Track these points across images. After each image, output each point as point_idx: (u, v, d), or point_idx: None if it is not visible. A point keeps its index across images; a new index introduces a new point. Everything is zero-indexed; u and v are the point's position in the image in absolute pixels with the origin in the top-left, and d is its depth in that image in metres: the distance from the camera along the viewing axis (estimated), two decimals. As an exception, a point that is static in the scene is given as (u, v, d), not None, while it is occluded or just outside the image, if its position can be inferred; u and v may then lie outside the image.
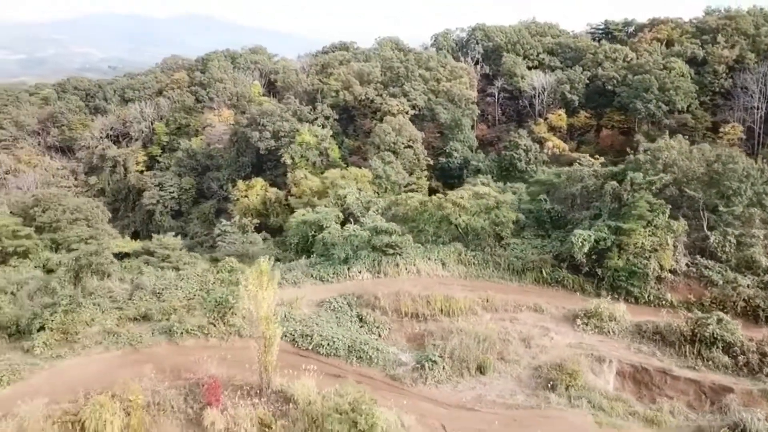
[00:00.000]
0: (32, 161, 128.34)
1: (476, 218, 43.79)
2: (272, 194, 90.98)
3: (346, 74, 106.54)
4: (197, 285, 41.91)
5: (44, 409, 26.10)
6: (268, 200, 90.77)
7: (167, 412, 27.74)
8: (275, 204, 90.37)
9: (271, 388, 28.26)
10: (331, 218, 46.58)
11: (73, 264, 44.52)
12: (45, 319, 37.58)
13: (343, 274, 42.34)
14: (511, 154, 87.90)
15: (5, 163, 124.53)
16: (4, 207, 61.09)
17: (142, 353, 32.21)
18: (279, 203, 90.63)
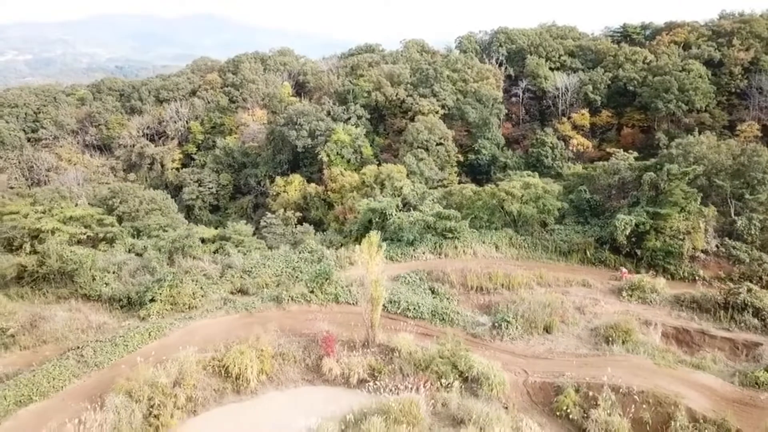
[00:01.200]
0: (72, 159, 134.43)
1: (526, 206, 49.16)
2: (312, 189, 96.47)
3: (378, 75, 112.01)
4: (283, 263, 47.45)
5: (195, 356, 31.65)
6: (308, 195, 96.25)
7: (290, 361, 33.28)
8: (315, 198, 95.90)
9: (375, 342, 33.70)
10: (393, 206, 51.98)
11: (169, 246, 50.16)
12: (155, 293, 43.31)
13: (409, 255, 47.86)
14: (538, 151, 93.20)
15: (47, 161, 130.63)
16: (84, 199, 66.77)
17: (256, 316, 37.79)
18: (318, 197, 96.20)
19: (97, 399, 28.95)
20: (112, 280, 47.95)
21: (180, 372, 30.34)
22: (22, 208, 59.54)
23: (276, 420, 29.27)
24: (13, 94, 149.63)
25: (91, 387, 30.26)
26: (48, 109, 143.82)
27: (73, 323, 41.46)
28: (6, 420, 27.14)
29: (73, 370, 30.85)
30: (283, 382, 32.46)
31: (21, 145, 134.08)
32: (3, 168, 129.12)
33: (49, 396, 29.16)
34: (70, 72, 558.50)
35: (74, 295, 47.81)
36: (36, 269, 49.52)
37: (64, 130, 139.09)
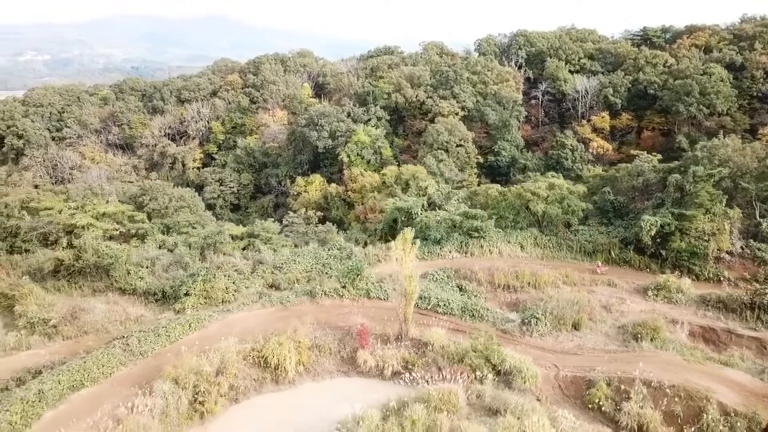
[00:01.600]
0: (96, 158, 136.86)
1: (551, 206, 49.92)
2: (333, 189, 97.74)
3: (398, 77, 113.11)
4: (313, 260, 48.60)
5: (236, 347, 32.83)
6: (329, 195, 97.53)
7: (326, 353, 34.37)
8: (335, 198, 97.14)
9: (408, 336, 34.67)
10: (419, 206, 52.96)
11: (201, 242, 51.53)
12: (189, 287, 44.65)
13: (436, 253, 48.82)
14: (558, 153, 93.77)
15: (71, 159, 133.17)
16: (114, 196, 68.49)
17: (291, 310, 38.93)
18: (339, 197, 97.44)
19: (145, 385, 30.18)
20: (146, 274, 49.34)
21: (222, 361, 31.51)
22: (56, 204, 61.21)
23: (314, 409, 30.30)
24: (38, 93, 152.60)
25: (137, 374, 31.52)
26: (72, 109, 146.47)
27: (111, 315, 42.93)
28: (61, 404, 28.43)
29: (120, 358, 32.12)
30: (319, 374, 33.53)
31: (46, 143, 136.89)
32: (28, 166, 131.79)
33: (99, 382, 30.44)
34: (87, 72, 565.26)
35: (110, 288, 49.30)
36: (72, 263, 51.01)
37: (87, 129, 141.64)
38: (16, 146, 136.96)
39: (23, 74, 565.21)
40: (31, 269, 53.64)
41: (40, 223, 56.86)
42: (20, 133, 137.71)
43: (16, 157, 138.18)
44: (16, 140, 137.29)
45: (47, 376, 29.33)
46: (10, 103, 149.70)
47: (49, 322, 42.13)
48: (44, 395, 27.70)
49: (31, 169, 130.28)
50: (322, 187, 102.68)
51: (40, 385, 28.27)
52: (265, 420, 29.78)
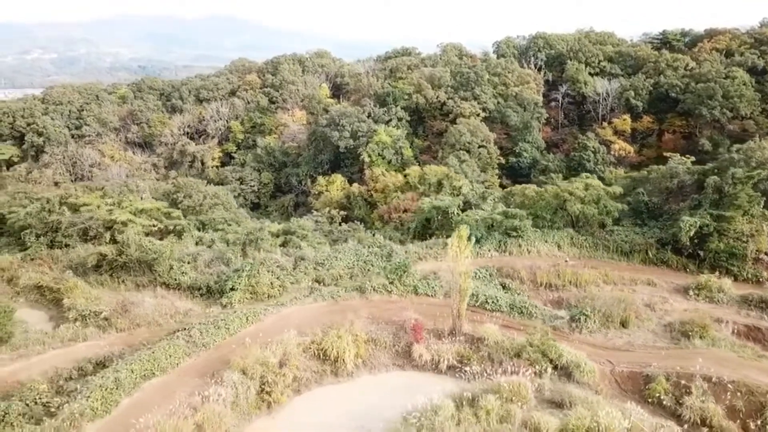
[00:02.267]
0: (115, 155, 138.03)
1: (588, 207, 50.60)
2: (355, 189, 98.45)
3: (418, 78, 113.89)
4: (354, 257, 49.39)
5: (296, 339, 33.63)
6: (351, 194, 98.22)
7: (381, 347, 35.12)
8: (358, 198, 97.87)
9: (461, 332, 35.40)
10: (456, 205, 53.70)
11: (244, 239, 52.40)
12: (234, 282, 45.50)
13: (475, 252, 49.39)
14: (580, 155, 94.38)
15: (91, 157, 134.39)
16: (147, 193, 69.43)
17: (341, 305, 39.73)
18: (361, 197, 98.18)
19: (210, 375, 31.01)
20: (189, 269, 50.19)
21: (284, 354, 32.30)
22: (93, 200, 62.18)
23: (377, 401, 31.05)
24: (57, 92, 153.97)
25: (201, 365, 32.34)
26: (91, 107, 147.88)
27: (161, 309, 43.80)
28: (135, 392, 29.27)
29: (185, 349, 32.94)
30: (375, 367, 34.29)
31: (66, 141, 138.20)
32: (49, 163, 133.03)
33: (167, 372, 31.27)
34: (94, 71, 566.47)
35: (153, 283, 50.21)
36: (115, 258, 51.95)
37: (107, 127, 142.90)
38: (36, 143, 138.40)
39: (30, 72, 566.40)
40: (72, 264, 54.60)
41: (80, 219, 57.77)
42: (40, 130, 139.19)
43: (36, 155, 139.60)
44: (36, 137, 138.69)
45: (121, 365, 30.15)
46: (29, 101, 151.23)
47: (101, 314, 43.01)
48: (121, 383, 28.53)
49: (51, 166, 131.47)
50: (344, 187, 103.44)
51: (116, 374, 29.11)
52: (329, 411, 30.52)
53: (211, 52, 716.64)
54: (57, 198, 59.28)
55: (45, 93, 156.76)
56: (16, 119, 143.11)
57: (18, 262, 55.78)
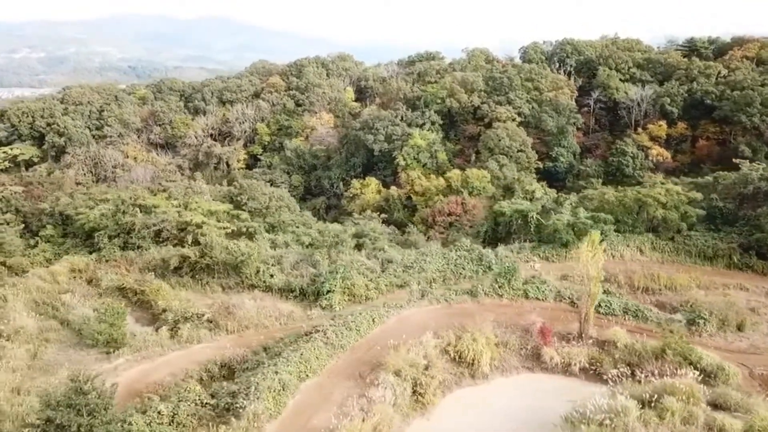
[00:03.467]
0: (138, 156, 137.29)
1: (669, 211, 51.40)
2: (394, 192, 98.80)
3: (451, 83, 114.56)
4: (442, 260, 49.74)
5: (433, 341, 33.94)
6: (390, 197, 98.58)
7: (510, 349, 35.52)
8: (396, 201, 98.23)
9: (588, 335, 35.88)
10: (535, 209, 54.27)
11: (330, 241, 52.59)
12: (331, 284, 45.71)
13: (563, 256, 50.14)
14: (618, 160, 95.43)
15: (114, 158, 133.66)
16: (208, 195, 69.27)
17: (455, 308, 40.14)
18: (399, 200, 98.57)
19: (357, 377, 31.28)
20: (276, 271, 50.28)
21: (425, 356, 32.59)
22: (161, 202, 62.03)
23: (520, 402, 31.51)
24: (77, 92, 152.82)
25: (344, 367, 32.62)
26: (111, 108, 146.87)
27: (263, 311, 43.94)
28: (297, 393, 29.43)
29: (326, 351, 33.12)
30: (506, 369, 34.72)
31: (87, 141, 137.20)
32: (71, 163, 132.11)
33: (318, 373, 31.50)
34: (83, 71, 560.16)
35: (240, 285, 50.29)
36: (197, 260, 51.92)
37: (128, 128, 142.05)
38: (57, 144, 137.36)
39: (18, 71, 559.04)
40: (150, 266, 54.47)
41: (153, 221, 57.62)
42: (61, 131, 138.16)
43: (57, 155, 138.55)
44: (57, 138, 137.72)
45: (281, 367, 30.25)
46: (49, 101, 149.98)
47: (203, 316, 43.04)
48: (286, 385, 28.72)
49: (73, 167, 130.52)
50: (379, 190, 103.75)
51: (279, 376, 29.27)
52: (477, 412, 30.89)
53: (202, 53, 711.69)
54: (130, 200, 58.97)
55: (64, 93, 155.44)
56: (36, 119, 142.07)
57: (93, 263, 55.61)
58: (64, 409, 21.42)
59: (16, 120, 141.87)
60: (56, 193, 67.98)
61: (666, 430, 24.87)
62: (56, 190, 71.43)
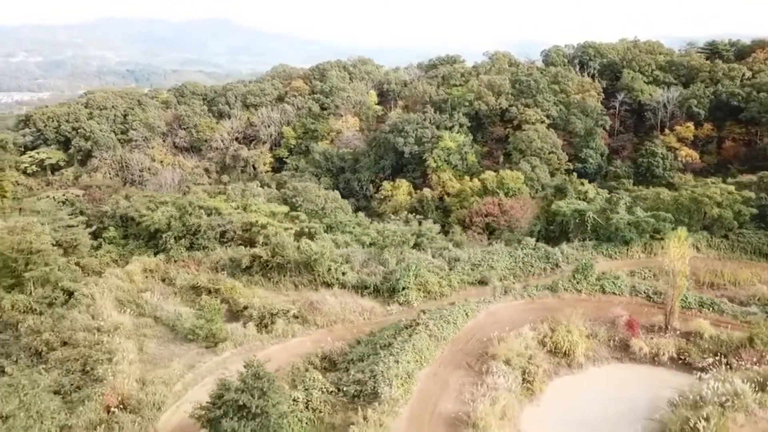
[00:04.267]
0: (165, 160, 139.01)
1: (725, 210, 53.35)
2: (428, 193, 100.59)
3: (478, 86, 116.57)
4: (508, 258, 51.61)
5: (531, 333, 35.77)
6: (424, 198, 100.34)
7: (599, 341, 37.35)
8: (431, 202, 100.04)
9: (672, 327, 37.74)
10: (592, 209, 56.18)
11: (399, 240, 54.42)
12: (406, 281, 47.55)
13: (624, 253, 52.06)
14: (648, 161, 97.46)
15: (141, 161, 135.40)
16: (263, 197, 71.04)
17: (537, 302, 42.02)
18: (433, 201, 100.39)
19: (466, 366, 33.13)
20: (347, 269, 52.07)
21: (526, 347, 34.41)
22: (220, 205, 63.79)
23: (618, 391, 33.32)
24: (100, 96, 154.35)
25: (449, 357, 34.49)
26: (136, 112, 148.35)
27: (346, 306, 45.75)
28: (417, 382, 31.20)
29: (432, 342, 34.94)
30: (597, 359, 36.53)
31: (113, 145, 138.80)
32: (98, 167, 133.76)
33: (430, 363, 33.34)
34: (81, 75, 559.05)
35: (312, 282, 52.03)
36: (269, 259, 53.71)
37: (154, 132, 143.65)
38: (83, 148, 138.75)
39: (16, 75, 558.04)
40: (217, 265, 56.27)
41: (219, 222, 59.37)
42: (87, 135, 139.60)
43: (83, 159, 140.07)
44: (83, 142, 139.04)
45: (402, 357, 32.04)
46: (73, 106, 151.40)
47: (289, 312, 44.81)
48: (411, 374, 30.51)
49: (100, 171, 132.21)
50: (409, 192, 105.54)
51: (404, 366, 31.06)
52: (581, 400, 32.68)
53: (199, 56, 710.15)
54: (197, 202, 60.69)
55: (88, 98, 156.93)
56: (61, 124, 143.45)
57: (163, 263, 57.34)
58: (242, 393, 23.19)
59: (42, 125, 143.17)
60: (113, 196, 69.62)
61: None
62: (113, 193, 73.02)
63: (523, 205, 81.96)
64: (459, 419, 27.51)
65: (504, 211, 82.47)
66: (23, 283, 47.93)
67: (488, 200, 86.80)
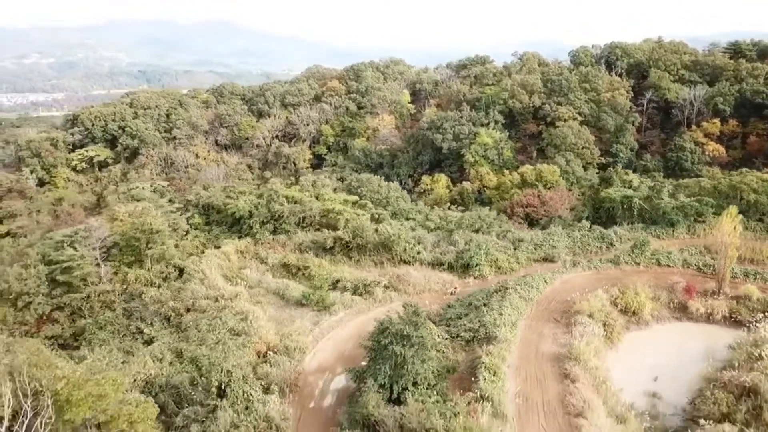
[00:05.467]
0: (208, 156, 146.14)
1: (761, 196, 59.35)
2: (468, 186, 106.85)
3: (512, 85, 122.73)
4: (566, 239, 57.88)
5: (604, 295, 42.09)
6: (465, 191, 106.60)
7: (660, 303, 43.57)
8: (471, 195, 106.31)
9: (724, 292, 43.91)
10: (638, 196, 62.33)
11: (466, 223, 60.86)
12: (479, 259, 53.96)
13: (670, 234, 58.16)
14: (677, 155, 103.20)
15: (186, 158, 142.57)
16: (329, 188, 77.75)
17: (602, 273, 48.37)
18: (473, 193, 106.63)
19: (553, 320, 39.51)
20: (421, 249, 58.57)
21: (601, 307, 40.73)
22: (295, 194, 70.44)
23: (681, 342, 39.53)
24: (145, 97, 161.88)
25: (538, 313, 41.07)
26: (178, 111, 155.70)
27: (429, 279, 52.26)
28: (517, 330, 37.62)
29: (522, 302, 41.37)
30: (661, 318, 42.76)
31: (159, 143, 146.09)
32: (145, 164, 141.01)
33: (524, 317, 39.90)
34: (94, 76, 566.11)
35: (390, 261, 58.58)
36: (350, 240, 60.29)
37: (197, 130, 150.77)
38: (130, 146, 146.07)
39: (30, 77, 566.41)
40: (299, 246, 62.94)
41: (299, 209, 66.02)
42: (134, 133, 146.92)
43: (130, 157, 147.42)
44: (130, 140, 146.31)
45: (504, 311, 38.53)
46: (119, 106, 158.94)
47: (380, 283, 51.30)
48: (515, 324, 36.98)
49: (147, 167, 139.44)
50: (448, 185, 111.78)
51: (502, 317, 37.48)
52: (652, 349, 38.91)
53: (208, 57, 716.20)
54: (280, 192, 67.38)
55: (132, 98, 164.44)
56: (108, 123, 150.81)
57: (252, 245, 64.10)
58: (405, 325, 29.66)
59: (89, 124, 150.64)
60: (194, 187, 76.46)
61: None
62: (192, 184, 79.77)
63: (561, 197, 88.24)
64: (560, 355, 33.92)
65: (543, 202, 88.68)
66: (143, 259, 54.71)
67: (528, 192, 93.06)
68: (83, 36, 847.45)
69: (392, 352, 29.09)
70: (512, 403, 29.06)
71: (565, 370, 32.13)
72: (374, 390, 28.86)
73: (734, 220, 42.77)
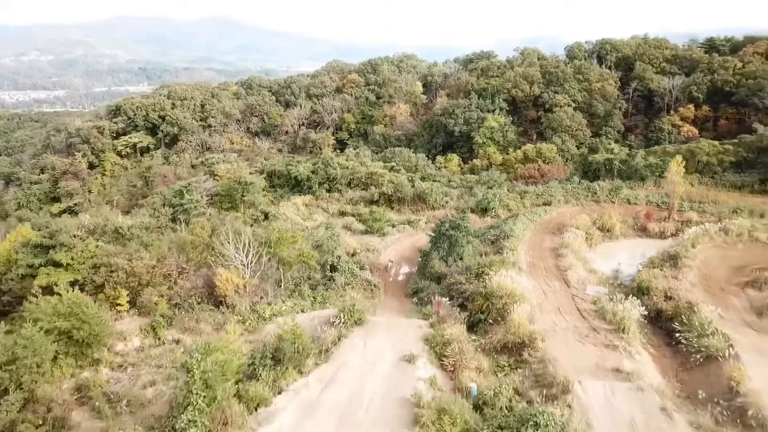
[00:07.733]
0: (242, 142, 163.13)
1: (711, 158, 76.67)
2: (478, 163, 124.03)
3: (515, 77, 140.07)
4: (562, 190, 75.13)
5: (587, 218, 59.49)
6: (475, 167, 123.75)
7: (626, 225, 60.97)
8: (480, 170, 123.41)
9: (672, 217, 61.31)
10: (618, 158, 79.66)
11: (483, 180, 78.12)
12: (495, 204, 71.20)
13: (640, 186, 75.53)
14: (657, 136, 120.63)
15: (221, 143, 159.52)
16: (368, 158, 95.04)
17: (587, 208, 66.31)
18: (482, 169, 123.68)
19: (551, 232, 56.78)
20: (449, 200, 75.88)
21: (584, 224, 58.08)
22: (343, 161, 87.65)
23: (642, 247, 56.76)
24: (181, 89, 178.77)
25: (540, 229, 58.36)
26: (212, 102, 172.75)
27: (457, 217, 69.34)
28: (526, 237, 54.89)
29: (529, 223, 58.69)
30: (627, 235, 60.13)
31: (197, 130, 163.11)
32: (184, 149, 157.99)
33: (529, 230, 57.21)
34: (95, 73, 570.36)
35: (424, 208, 75.86)
36: (391, 194, 77.53)
37: (230, 119, 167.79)
38: (170, 133, 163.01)
39: (30, 74, 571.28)
40: (351, 201, 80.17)
41: (349, 172, 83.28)
42: (174, 121, 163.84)
43: (170, 143, 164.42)
44: (170, 128, 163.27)
45: (517, 224, 55.78)
46: (158, 98, 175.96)
47: (420, 221, 68.57)
48: (524, 231, 54.21)
49: (186, 152, 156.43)
50: (459, 164, 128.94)
51: (516, 227, 54.75)
52: (620, 251, 56.11)
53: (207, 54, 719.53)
54: (331, 158, 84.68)
55: (169, 90, 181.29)
56: (149, 112, 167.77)
57: (313, 200, 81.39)
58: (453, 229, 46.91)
59: (132, 114, 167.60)
60: (257, 157, 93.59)
61: (729, 239, 50.16)
62: (256, 155, 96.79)
63: (558, 169, 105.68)
64: (556, 246, 51.23)
65: (542, 174, 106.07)
66: (237, 206, 71.94)
67: (530, 166, 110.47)
68: (83, 33, 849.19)
69: (448, 235, 46.32)
70: (525, 263, 46.29)
71: (558, 252, 49.36)
72: (437, 259, 46.12)
73: (679, 165, 59.97)
